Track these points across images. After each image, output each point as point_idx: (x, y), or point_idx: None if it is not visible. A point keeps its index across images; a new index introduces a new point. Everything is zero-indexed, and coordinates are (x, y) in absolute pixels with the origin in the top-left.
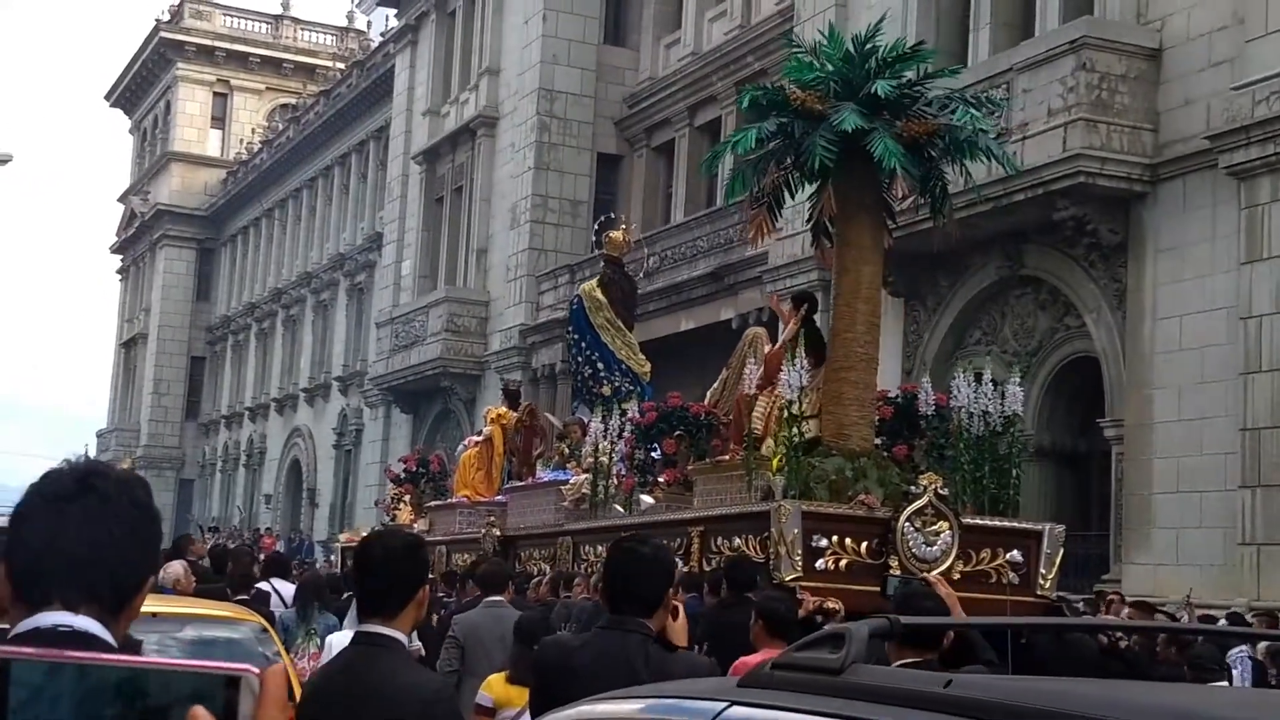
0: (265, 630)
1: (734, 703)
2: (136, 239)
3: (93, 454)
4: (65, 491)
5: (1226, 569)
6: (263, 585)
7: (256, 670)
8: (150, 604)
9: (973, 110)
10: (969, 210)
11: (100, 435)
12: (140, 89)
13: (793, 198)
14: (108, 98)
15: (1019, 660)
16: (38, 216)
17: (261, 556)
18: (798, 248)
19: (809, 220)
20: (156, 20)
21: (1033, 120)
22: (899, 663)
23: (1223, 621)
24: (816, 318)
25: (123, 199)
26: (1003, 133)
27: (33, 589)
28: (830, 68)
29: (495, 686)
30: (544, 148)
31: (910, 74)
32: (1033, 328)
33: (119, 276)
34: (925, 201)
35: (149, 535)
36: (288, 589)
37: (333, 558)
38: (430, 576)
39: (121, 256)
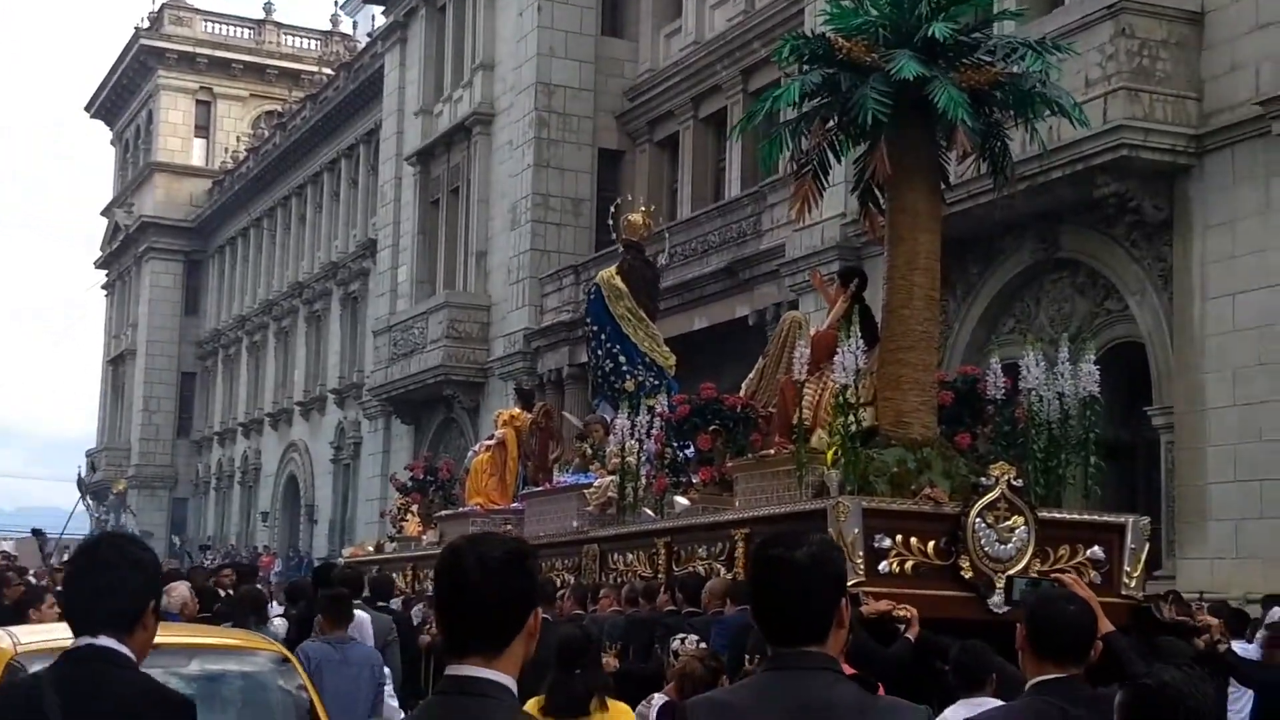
0: (286, 660)
1: None
2: (121, 253)
3: (84, 475)
4: None
5: None
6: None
7: None
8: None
9: (1044, 56)
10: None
11: (90, 455)
12: (121, 99)
13: (839, 161)
14: (88, 109)
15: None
16: (19, 232)
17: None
18: (818, 238)
19: (855, 186)
20: (136, 28)
21: (1070, 92)
22: (1036, 679)
23: None
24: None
25: (106, 212)
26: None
27: None
28: (876, 13)
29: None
30: (543, 144)
31: (966, 19)
32: (1070, 313)
33: (104, 292)
34: (985, 161)
35: None
36: None
37: None
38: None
39: (106, 271)
